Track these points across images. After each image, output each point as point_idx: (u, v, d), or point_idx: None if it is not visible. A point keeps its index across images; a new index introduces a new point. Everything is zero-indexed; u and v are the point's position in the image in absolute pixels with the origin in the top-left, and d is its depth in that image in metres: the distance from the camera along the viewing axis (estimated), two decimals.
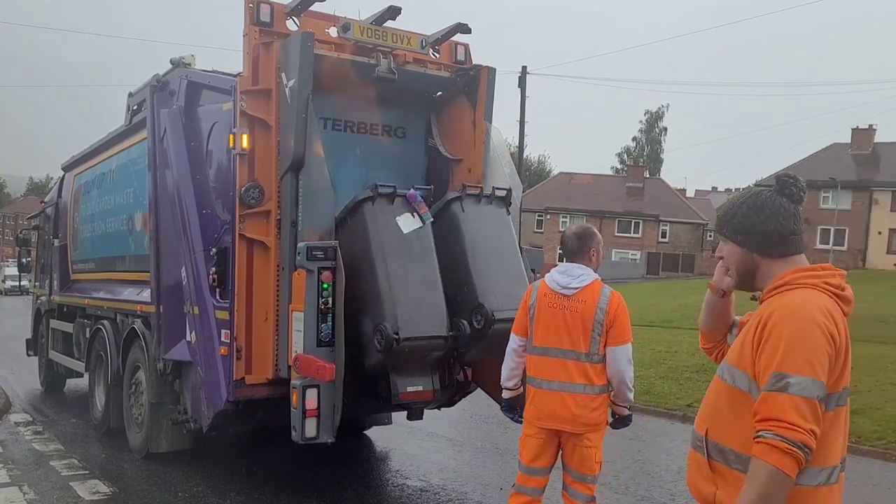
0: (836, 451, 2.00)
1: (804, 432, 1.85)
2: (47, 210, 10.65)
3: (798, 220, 2.15)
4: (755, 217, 2.13)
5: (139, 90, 6.90)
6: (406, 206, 5.15)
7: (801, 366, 1.90)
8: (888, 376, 11.05)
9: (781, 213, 2.13)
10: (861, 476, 6.83)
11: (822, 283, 2.04)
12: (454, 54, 6.17)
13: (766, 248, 2.13)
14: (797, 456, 1.85)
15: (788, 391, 1.88)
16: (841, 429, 2.04)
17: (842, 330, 1.98)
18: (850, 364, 2.05)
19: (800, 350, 1.91)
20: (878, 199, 42.84)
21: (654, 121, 69.27)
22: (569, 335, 3.94)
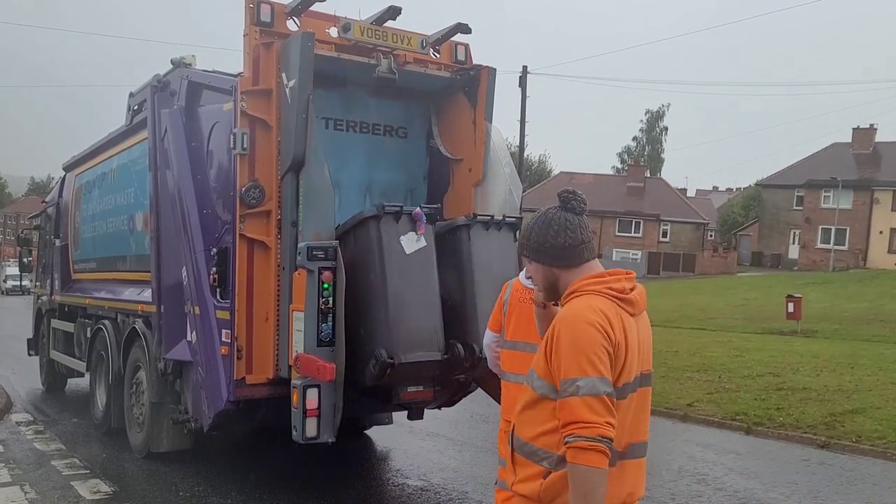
0: (619, 437, 2.15)
1: (600, 425, 2.02)
2: (48, 210, 10.67)
3: (584, 230, 2.33)
4: (546, 234, 2.31)
5: (140, 90, 6.91)
6: (410, 225, 5.12)
7: (584, 367, 2.07)
8: (889, 375, 11.05)
9: (568, 226, 2.31)
10: (861, 475, 6.84)
11: (604, 289, 2.22)
12: (454, 54, 6.18)
13: (560, 260, 2.31)
14: (600, 448, 2.01)
15: (579, 394, 2.05)
16: (629, 415, 2.20)
17: (618, 328, 2.14)
18: (645, 355, 2.26)
19: (581, 353, 2.08)
20: (879, 198, 42.82)
21: (654, 120, 69.20)
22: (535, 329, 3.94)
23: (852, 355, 13.41)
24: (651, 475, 7.04)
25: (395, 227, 5.05)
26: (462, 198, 6.21)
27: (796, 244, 47.07)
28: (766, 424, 8.48)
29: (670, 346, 15.05)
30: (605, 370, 2.08)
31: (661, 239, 51.47)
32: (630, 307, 2.22)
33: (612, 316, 2.15)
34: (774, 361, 12.59)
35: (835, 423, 8.31)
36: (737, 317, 21.99)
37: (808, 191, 45.25)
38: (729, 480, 6.56)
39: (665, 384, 10.84)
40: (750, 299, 26.36)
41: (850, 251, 43.13)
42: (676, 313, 23.78)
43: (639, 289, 2.29)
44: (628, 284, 2.26)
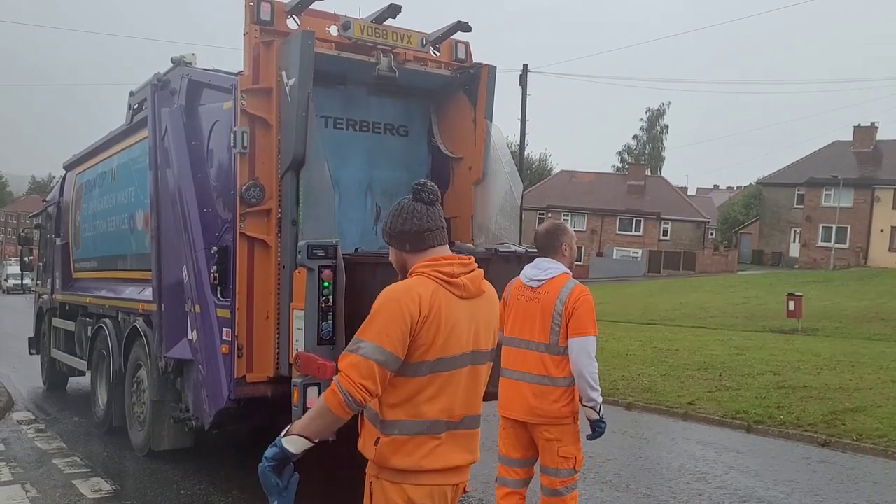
0: (434, 409, 2.39)
1: (354, 385, 2.27)
2: (49, 209, 10.68)
3: (432, 218, 2.54)
4: (397, 221, 2.55)
5: (140, 89, 6.91)
6: None
7: (372, 335, 2.32)
8: (889, 374, 11.06)
9: (416, 214, 2.53)
10: (862, 473, 6.84)
11: (432, 272, 2.43)
12: (454, 52, 6.17)
13: (407, 244, 2.53)
14: (340, 399, 2.28)
15: (358, 352, 2.31)
16: (444, 391, 2.40)
17: (431, 306, 2.35)
18: (480, 335, 2.49)
19: (376, 322, 2.34)
20: (879, 196, 42.81)
21: (655, 118, 69.19)
22: (531, 326, 4.00)
23: (853, 354, 13.41)
24: (651, 473, 7.11)
25: None
26: (462, 196, 6.21)
27: (797, 242, 47.06)
28: (766, 423, 8.48)
29: (671, 345, 15.07)
30: (388, 342, 2.30)
31: (661, 237, 51.48)
32: (457, 290, 2.43)
33: (427, 295, 2.36)
34: (775, 360, 12.59)
35: (835, 421, 8.31)
36: (737, 315, 22.00)
37: (808, 189, 45.24)
38: (729, 479, 6.56)
39: (666, 382, 10.85)
40: (751, 298, 26.36)
41: (850, 249, 43.11)
42: (677, 312, 23.79)
43: (471, 275, 2.49)
44: (459, 270, 2.46)
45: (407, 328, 2.31)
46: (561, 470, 4.03)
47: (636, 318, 21.52)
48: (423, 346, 2.34)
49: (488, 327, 2.55)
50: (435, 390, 2.39)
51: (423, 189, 2.59)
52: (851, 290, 27.46)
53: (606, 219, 50.75)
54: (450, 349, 2.38)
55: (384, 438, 2.39)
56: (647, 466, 7.05)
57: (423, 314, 2.33)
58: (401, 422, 2.38)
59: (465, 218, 6.20)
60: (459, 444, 2.47)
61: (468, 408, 2.48)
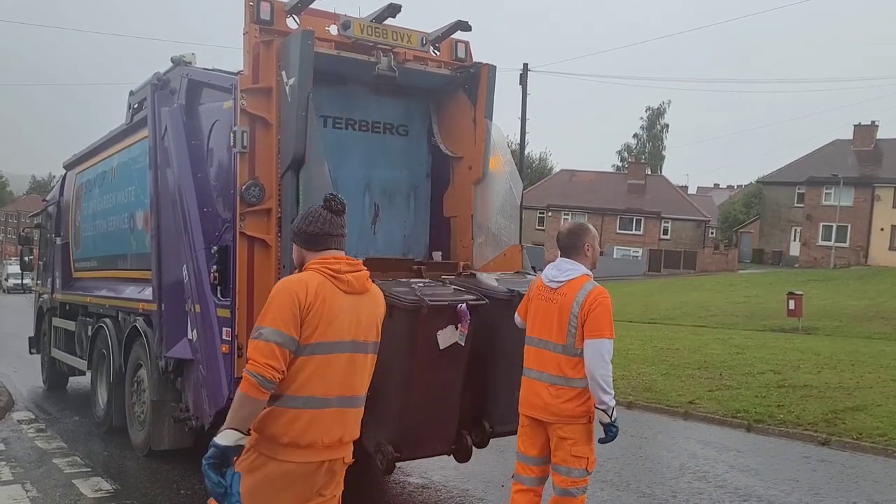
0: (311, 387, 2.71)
1: (261, 366, 2.59)
2: (49, 208, 10.68)
3: (334, 226, 2.91)
4: (303, 223, 2.92)
5: (140, 88, 6.91)
6: (451, 319, 4.61)
7: (269, 321, 2.67)
8: (890, 373, 11.06)
9: (321, 219, 2.91)
10: (862, 472, 6.84)
11: (321, 267, 2.81)
12: (454, 52, 6.17)
13: (306, 244, 2.91)
14: (253, 382, 2.58)
15: (259, 338, 2.64)
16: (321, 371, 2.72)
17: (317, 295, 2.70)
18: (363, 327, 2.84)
19: (271, 309, 2.69)
20: (880, 195, 42.79)
21: (655, 117, 69.15)
22: (549, 327, 4.03)
23: (853, 352, 13.42)
24: (652, 472, 7.11)
25: (433, 322, 4.53)
26: (462, 196, 6.21)
27: (797, 241, 47.05)
28: (766, 422, 8.48)
29: (671, 344, 15.07)
30: (283, 325, 2.64)
31: (662, 236, 51.48)
32: (342, 285, 2.80)
33: (314, 286, 2.73)
34: (775, 359, 12.59)
35: (836, 420, 8.31)
36: (738, 314, 22.00)
37: (809, 188, 45.22)
38: (730, 478, 6.56)
39: (666, 381, 10.85)
40: (751, 297, 26.36)
41: (851, 248, 43.11)
42: (677, 311, 23.79)
43: (357, 274, 2.88)
44: (345, 268, 2.85)
45: (297, 312, 2.67)
46: (573, 469, 4.03)
47: (636, 317, 21.51)
48: (307, 330, 2.68)
49: (370, 322, 2.91)
50: (313, 370, 2.71)
51: (333, 200, 2.95)
52: (852, 288, 27.46)
53: (607, 218, 50.74)
54: (330, 335, 2.73)
55: (266, 408, 2.70)
56: (647, 465, 7.05)
57: (310, 301, 2.69)
58: (282, 396, 2.69)
59: (465, 217, 6.19)
60: (334, 420, 2.78)
61: (344, 389, 2.80)
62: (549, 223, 52.53)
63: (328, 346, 2.73)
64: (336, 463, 2.83)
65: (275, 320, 2.64)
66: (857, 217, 43.10)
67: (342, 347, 2.76)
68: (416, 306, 4.43)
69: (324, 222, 2.90)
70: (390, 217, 6.40)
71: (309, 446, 2.71)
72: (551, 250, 44.68)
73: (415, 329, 4.50)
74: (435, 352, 4.55)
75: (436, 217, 6.48)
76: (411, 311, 4.44)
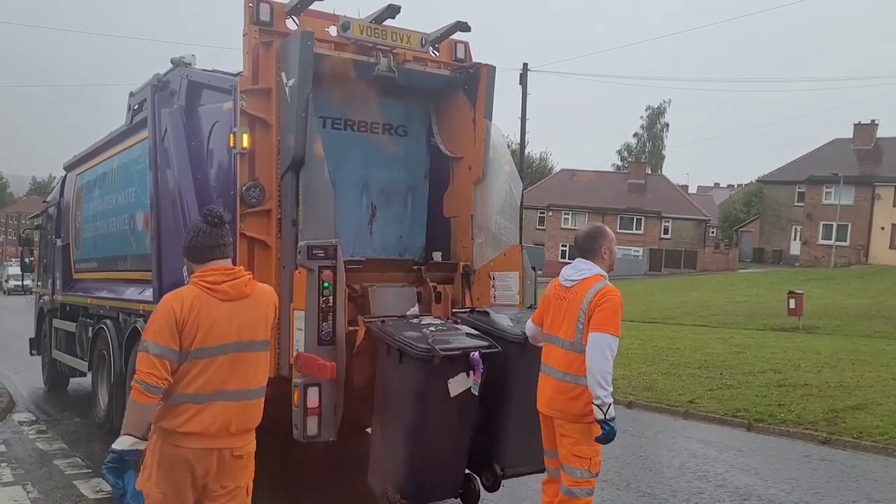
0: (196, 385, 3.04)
1: (144, 374, 2.95)
2: (49, 210, 10.68)
3: (213, 237, 3.19)
4: (187, 237, 3.25)
5: (140, 90, 6.91)
6: (463, 367, 4.51)
7: (150, 335, 3.02)
8: (890, 371, 11.06)
9: (200, 233, 3.20)
10: (863, 471, 6.85)
11: (198, 281, 3.12)
12: (454, 52, 6.18)
13: (189, 256, 3.24)
14: (139, 388, 2.95)
15: (143, 350, 3.01)
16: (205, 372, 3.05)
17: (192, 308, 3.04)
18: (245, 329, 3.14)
19: (152, 324, 3.05)
20: (880, 194, 42.76)
21: (655, 117, 69.13)
22: (560, 324, 4.10)
23: (854, 351, 13.42)
24: (652, 472, 7.11)
25: (445, 371, 4.44)
26: (462, 196, 6.22)
27: (798, 240, 47.03)
28: (767, 421, 8.49)
29: (672, 343, 15.07)
30: (161, 338, 3.00)
31: (662, 236, 51.47)
32: (218, 294, 3.11)
33: (189, 300, 3.06)
34: (776, 358, 12.60)
35: (836, 419, 8.32)
36: (738, 313, 22.00)
37: (809, 187, 45.19)
38: (730, 477, 6.57)
39: (666, 381, 10.85)
40: (751, 296, 26.35)
41: (851, 247, 43.08)
42: (678, 310, 23.78)
43: (233, 282, 3.15)
44: (221, 279, 3.13)
45: (174, 326, 3.01)
46: (575, 469, 4.04)
47: (637, 316, 21.50)
48: (187, 338, 3.03)
49: (254, 323, 3.21)
50: (197, 371, 3.05)
51: (209, 214, 3.26)
52: (852, 287, 27.45)
53: (607, 217, 50.70)
54: (210, 341, 3.06)
55: (164, 405, 3.07)
56: (647, 465, 7.05)
57: (185, 315, 3.03)
58: (174, 394, 3.05)
59: (465, 218, 6.20)
60: (221, 412, 3.08)
61: (231, 385, 3.11)
62: (550, 223, 52.53)
63: (211, 350, 3.06)
64: (225, 452, 3.11)
65: (154, 335, 3.02)
66: (858, 216, 43.06)
67: (225, 349, 3.10)
68: (428, 356, 4.35)
69: (203, 236, 3.21)
70: (387, 217, 6.41)
71: (199, 434, 3.05)
72: (552, 250, 44.72)
73: (426, 378, 4.42)
74: (445, 399, 4.47)
75: (435, 217, 6.48)
76: (422, 360, 4.37)
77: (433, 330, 4.72)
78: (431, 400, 4.46)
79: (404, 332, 4.61)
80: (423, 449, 4.51)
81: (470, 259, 6.14)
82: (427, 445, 4.52)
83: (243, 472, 3.20)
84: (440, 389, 4.44)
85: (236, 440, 3.14)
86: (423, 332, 4.62)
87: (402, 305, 5.73)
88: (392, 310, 5.65)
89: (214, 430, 3.06)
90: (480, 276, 6.08)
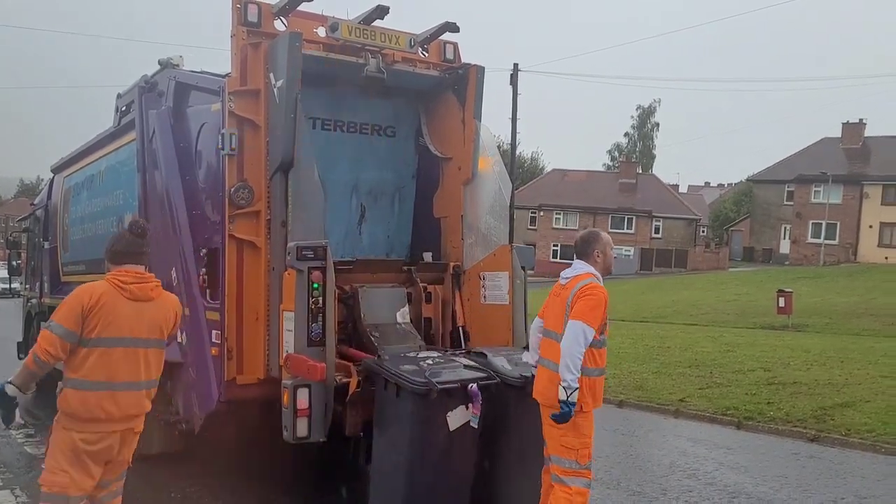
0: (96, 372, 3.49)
1: (41, 350, 3.42)
2: (37, 212, 10.62)
3: (133, 245, 3.71)
4: (109, 243, 3.75)
5: (127, 91, 6.88)
6: (461, 400, 4.48)
7: (58, 317, 3.49)
8: (878, 369, 11.13)
9: (122, 240, 3.74)
10: (851, 468, 6.89)
11: (112, 279, 3.61)
12: (443, 53, 6.18)
13: (109, 259, 3.73)
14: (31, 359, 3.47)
15: (47, 328, 3.48)
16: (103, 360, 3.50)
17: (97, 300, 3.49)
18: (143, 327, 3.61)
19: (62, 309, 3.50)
20: (868, 192, 43.06)
21: (646, 116, 69.34)
22: (554, 318, 4.34)
23: (842, 349, 13.50)
24: (642, 470, 7.14)
25: (443, 404, 4.41)
26: (452, 196, 6.22)
27: (787, 239, 47.30)
28: (756, 419, 8.53)
29: (662, 342, 15.12)
30: (66, 322, 3.44)
31: (653, 235, 51.62)
32: (125, 293, 3.57)
33: (98, 293, 3.50)
34: (765, 356, 12.66)
35: (825, 416, 8.37)
36: (728, 312, 22.09)
37: (798, 186, 45.46)
38: (719, 475, 6.60)
39: (657, 380, 10.89)
40: (741, 294, 26.47)
41: (840, 246, 43.36)
42: (669, 309, 23.85)
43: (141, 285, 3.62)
44: (131, 280, 3.61)
45: (80, 313, 3.44)
46: (563, 459, 4.16)
47: (628, 315, 21.55)
48: (89, 327, 3.44)
49: (153, 324, 3.65)
50: (96, 359, 3.47)
51: (135, 224, 3.79)
52: (841, 285, 27.62)
53: (598, 217, 50.83)
54: (110, 332, 3.48)
55: (65, 390, 3.51)
56: (637, 463, 7.08)
57: (91, 305, 3.46)
58: (74, 379, 3.50)
59: (455, 218, 6.21)
60: (115, 399, 3.52)
61: (124, 375, 3.55)
62: (541, 223, 52.59)
63: (109, 341, 3.48)
64: (126, 433, 3.64)
65: (61, 318, 3.46)
66: (846, 214, 43.35)
67: (122, 342, 3.52)
68: (425, 389, 4.34)
69: (125, 243, 3.72)
70: (375, 217, 6.42)
71: (95, 419, 3.49)
72: (543, 249, 44.76)
73: (424, 412, 4.40)
74: (445, 436, 4.44)
75: (424, 217, 6.49)
76: (420, 394, 4.36)
77: (430, 363, 4.70)
78: (430, 434, 4.42)
79: (401, 365, 4.60)
80: (423, 486, 4.44)
81: (460, 259, 6.14)
82: (427, 482, 4.46)
83: (133, 444, 3.76)
84: (439, 426, 4.41)
85: (132, 421, 3.65)
86: (420, 366, 4.61)
87: (392, 306, 5.73)
88: (382, 310, 5.65)
89: (109, 415, 3.51)
90: (470, 276, 6.09)
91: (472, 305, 6.05)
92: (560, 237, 50.92)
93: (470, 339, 5.97)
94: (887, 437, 7.55)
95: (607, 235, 4.51)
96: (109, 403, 3.50)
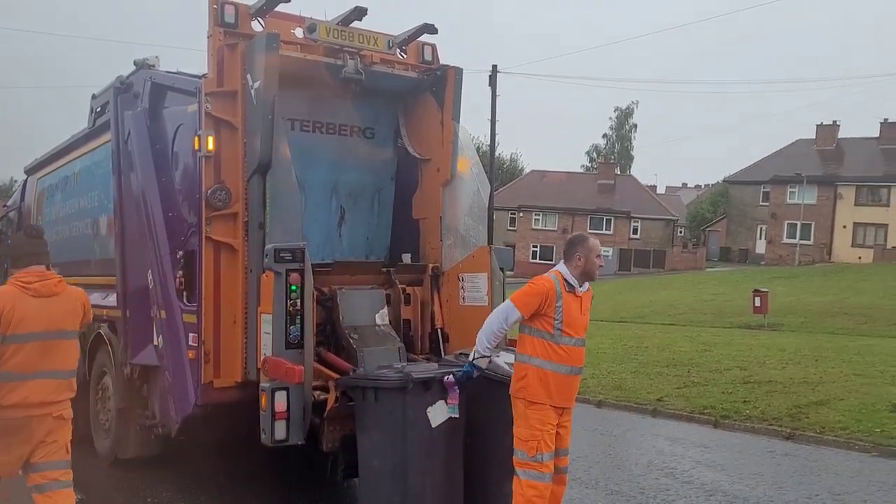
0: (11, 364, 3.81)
1: None
2: (10, 214, 10.43)
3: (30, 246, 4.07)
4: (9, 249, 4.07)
5: (102, 92, 6.79)
6: (440, 394, 4.48)
7: None
8: (852, 367, 11.31)
9: (19, 242, 4.14)
10: (825, 465, 7.00)
11: (16, 281, 3.91)
12: (421, 54, 6.18)
13: (12, 263, 4.04)
14: None
15: None
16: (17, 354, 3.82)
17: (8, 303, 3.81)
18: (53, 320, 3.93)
19: None
20: (842, 193, 43.76)
21: (624, 118, 69.85)
22: None
23: (817, 348, 13.70)
24: (620, 470, 7.18)
25: (422, 399, 4.44)
26: (431, 198, 6.23)
27: (763, 239, 47.92)
28: (732, 417, 8.63)
29: (640, 342, 15.25)
30: None
31: (631, 236, 52.01)
32: (30, 292, 3.88)
33: (8, 295, 3.84)
34: (742, 355, 12.81)
35: (800, 414, 8.49)
36: (705, 312, 22.32)
37: (773, 187, 46.08)
38: (696, 473, 6.67)
39: (635, 379, 10.97)
40: (718, 294, 26.75)
41: (815, 246, 44.01)
42: (647, 309, 24.05)
43: (43, 282, 3.94)
44: (33, 280, 3.92)
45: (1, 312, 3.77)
46: (517, 451, 4.22)
47: (607, 316, 21.69)
48: (2, 326, 3.76)
49: (62, 317, 3.99)
50: (12, 353, 3.81)
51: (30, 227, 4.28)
52: (816, 285, 28.02)
53: (577, 218, 51.12)
54: (22, 329, 3.82)
55: None
56: (616, 463, 7.13)
57: (2, 307, 3.78)
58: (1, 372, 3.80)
59: (434, 219, 6.22)
60: (34, 388, 3.85)
61: (40, 366, 3.88)
62: (521, 224, 52.77)
63: (22, 337, 3.82)
64: (46, 418, 3.92)
65: None
66: (821, 215, 44.02)
67: (34, 337, 3.85)
68: (402, 382, 4.40)
69: (22, 245, 4.07)
70: (355, 219, 6.40)
71: (15, 406, 3.81)
72: (523, 250, 44.81)
73: (404, 412, 4.42)
74: (429, 436, 4.44)
75: (402, 219, 6.49)
76: (398, 388, 4.40)
77: (405, 364, 4.92)
78: (413, 434, 4.43)
79: (377, 371, 4.69)
80: (411, 490, 4.43)
81: (439, 261, 6.15)
82: (416, 486, 4.45)
83: (63, 431, 4.07)
84: (421, 423, 4.44)
85: (52, 407, 3.95)
86: (396, 367, 4.75)
87: (371, 308, 5.72)
88: (361, 312, 5.64)
89: (30, 402, 3.84)
90: (449, 277, 6.10)
91: (451, 307, 6.06)
92: (539, 238, 51.13)
93: (449, 341, 5.98)
94: (861, 434, 7.67)
95: (596, 241, 4.46)
96: (27, 391, 3.83)
